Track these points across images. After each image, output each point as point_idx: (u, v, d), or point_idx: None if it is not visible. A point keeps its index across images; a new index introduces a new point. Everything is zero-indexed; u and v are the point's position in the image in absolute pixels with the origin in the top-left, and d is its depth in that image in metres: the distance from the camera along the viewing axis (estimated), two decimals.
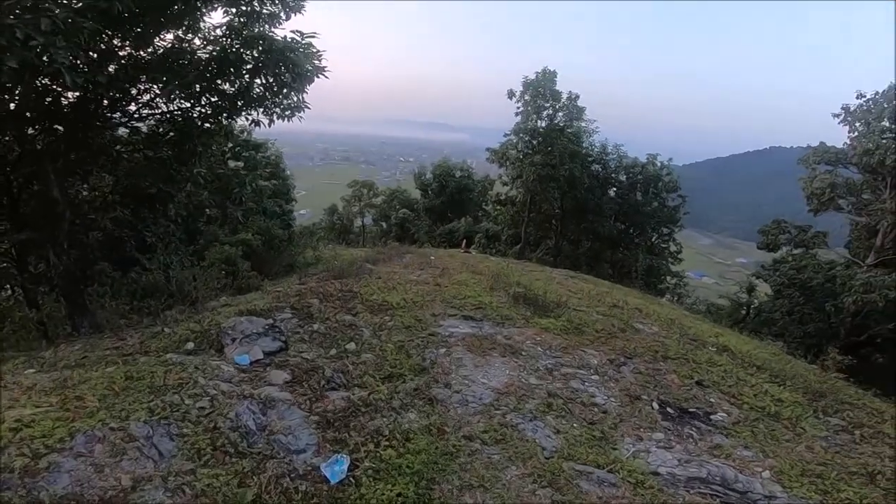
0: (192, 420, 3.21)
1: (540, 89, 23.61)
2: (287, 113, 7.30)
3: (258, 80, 6.93)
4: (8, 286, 9.49)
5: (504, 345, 5.33)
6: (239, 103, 7.07)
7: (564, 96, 23.96)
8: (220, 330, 4.69)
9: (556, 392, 4.33)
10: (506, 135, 25.52)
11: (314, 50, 6.80)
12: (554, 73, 23.73)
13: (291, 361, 4.36)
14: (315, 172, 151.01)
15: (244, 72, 6.80)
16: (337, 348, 4.83)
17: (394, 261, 10.00)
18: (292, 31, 6.71)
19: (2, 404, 3.08)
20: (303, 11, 7.05)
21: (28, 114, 6.48)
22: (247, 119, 7.58)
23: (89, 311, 7.61)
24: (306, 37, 6.71)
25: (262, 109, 7.24)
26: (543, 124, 24.27)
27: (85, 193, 9.09)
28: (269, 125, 7.44)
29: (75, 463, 2.70)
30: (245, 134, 17.77)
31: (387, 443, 3.28)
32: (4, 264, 8.30)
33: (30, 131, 6.99)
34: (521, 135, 24.80)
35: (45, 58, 4.51)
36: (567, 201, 24.96)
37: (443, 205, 34.48)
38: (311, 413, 3.59)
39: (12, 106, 6.11)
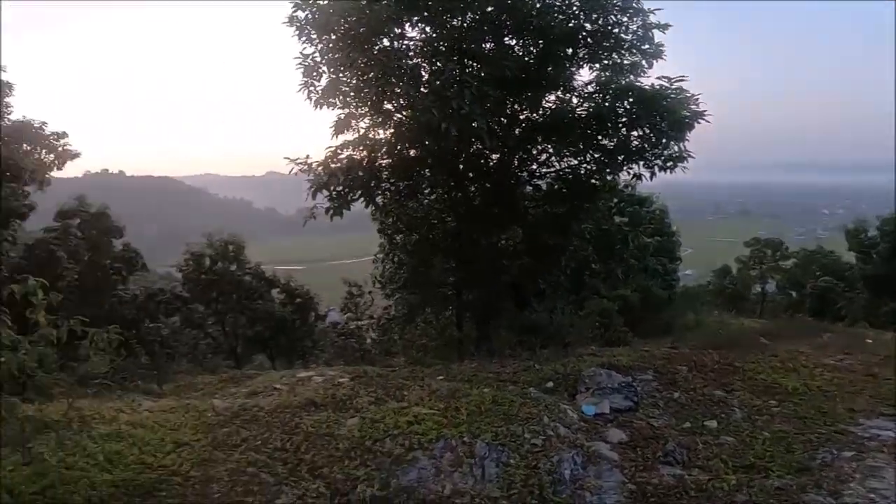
0: (521, 453, 3.39)
1: None
2: (669, 164, 7.03)
3: (635, 133, 7.00)
4: (449, 309, 12.89)
5: None
6: (619, 157, 7.29)
7: None
8: (578, 377, 4.84)
9: None
10: None
11: (688, 94, 6.36)
12: None
13: (635, 423, 4.08)
14: (705, 228, 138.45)
15: (620, 125, 7.00)
16: (692, 423, 4.26)
17: (802, 339, 7.85)
18: (658, 78, 6.52)
19: (412, 400, 4.14)
20: (663, 57, 6.79)
21: (470, 174, 8.66)
22: (628, 173, 7.72)
23: (489, 339, 9.41)
24: (674, 81, 6.38)
25: (642, 162, 7.23)
26: None
27: (502, 243, 11.10)
28: (651, 178, 7.35)
29: (427, 463, 3.28)
30: (629, 189, 18.29)
31: None
32: (450, 292, 11.23)
33: (471, 189, 9.29)
34: None
35: (473, 124, 5.89)
36: None
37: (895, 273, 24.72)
38: (631, 481, 3.29)
39: (461, 167, 8.29)
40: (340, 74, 7.00)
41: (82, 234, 14.74)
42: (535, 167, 8.89)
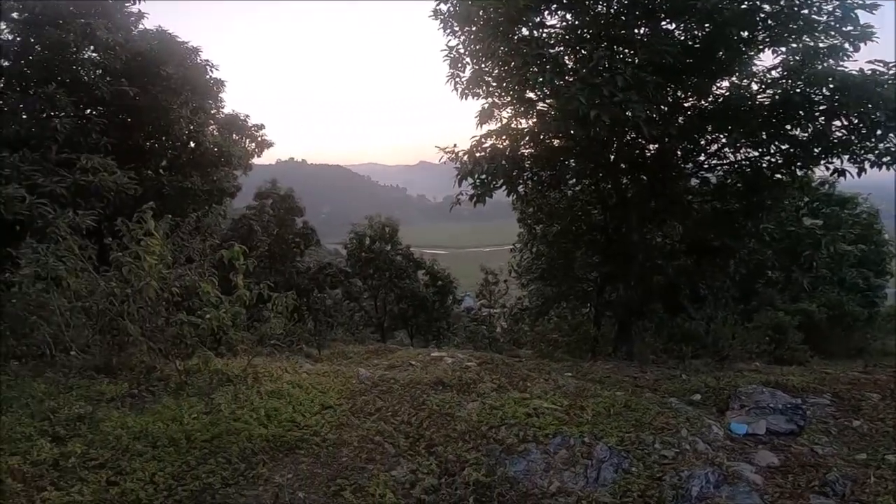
0: (646, 463, 3.12)
1: None
2: (885, 160, 5.69)
3: (837, 123, 5.78)
4: (588, 305, 12.35)
5: None
6: (815, 150, 6.13)
7: None
8: (733, 391, 4.25)
9: None
10: None
11: None
12: None
13: (793, 449, 3.44)
14: None
15: (817, 113, 5.85)
16: (869, 454, 3.49)
17: None
18: (869, 62, 5.26)
19: (534, 392, 4.07)
20: (875, 38, 5.42)
21: (622, 165, 8.10)
22: (827, 168, 6.47)
23: (631, 340, 8.76)
24: (892, 66, 5.07)
25: (847, 156, 5.98)
26: None
27: (658, 240, 10.10)
28: (859, 175, 6.06)
29: (538, 456, 3.18)
30: (826, 187, 15.18)
31: None
32: (590, 289, 10.77)
33: (623, 181, 8.70)
34: None
35: (627, 112, 5.47)
36: None
37: None
38: None
39: (612, 158, 7.81)
40: (483, 65, 7.11)
41: (273, 211, 17.51)
42: (703, 158, 7.95)
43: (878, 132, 5.66)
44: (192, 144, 11.21)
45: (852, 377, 5.22)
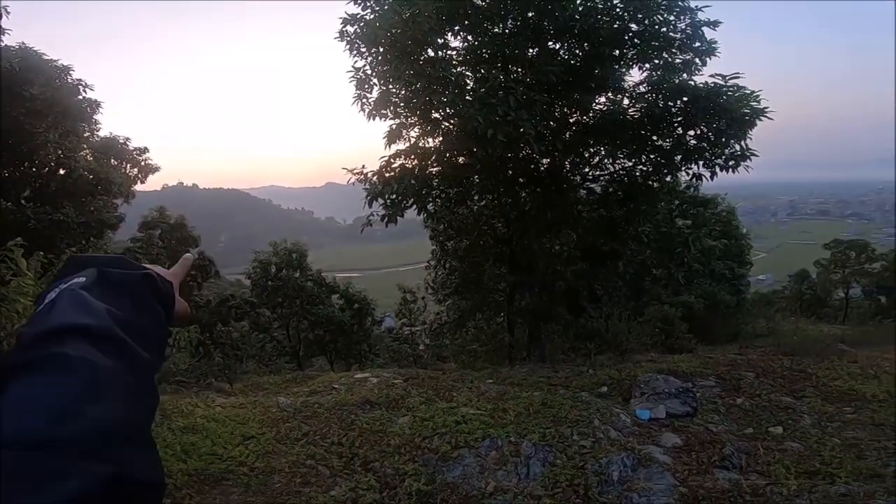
0: (568, 454, 3.40)
1: None
2: (731, 164, 6.69)
3: (691, 132, 6.73)
4: (502, 314, 12.87)
5: None
6: (676, 158, 7.04)
7: None
8: (634, 381, 4.73)
9: None
10: None
11: (746, 91, 6.03)
12: None
13: (692, 429, 3.95)
14: (779, 231, 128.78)
15: (675, 124, 6.76)
16: (755, 428, 4.08)
17: (888, 345, 7.19)
18: (712, 76, 6.27)
19: (460, 401, 4.23)
20: (717, 54, 6.53)
21: (520, 179, 8.66)
22: (687, 174, 7.43)
23: (542, 343, 9.32)
24: (729, 79, 6.09)
25: (701, 162, 6.93)
26: None
27: (557, 248, 10.79)
28: (712, 178, 7.02)
29: (472, 460, 3.36)
30: (692, 190, 17.42)
31: None
32: (502, 298, 11.26)
33: (522, 195, 9.27)
34: None
35: (521, 129, 5.90)
36: None
37: None
38: (683, 484, 3.18)
39: (510, 173, 8.32)
40: (390, 86, 7.23)
41: (163, 243, 16.07)
42: (587, 170, 8.74)
43: (723, 139, 6.61)
44: (62, 172, 10.05)
45: (731, 359, 6.04)
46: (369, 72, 7.32)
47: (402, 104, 7.31)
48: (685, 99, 6.50)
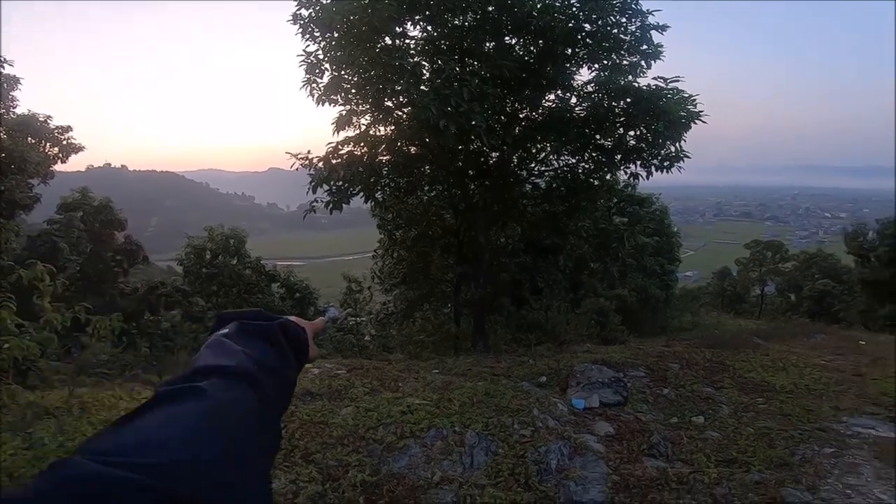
0: (509, 443, 3.49)
1: None
2: (665, 164, 7.07)
3: (632, 133, 7.06)
4: (448, 305, 12.98)
5: None
6: (616, 157, 7.34)
7: None
8: (571, 371, 4.93)
9: None
10: None
11: (685, 95, 6.42)
12: None
13: (623, 417, 4.17)
14: (706, 230, 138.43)
15: (617, 125, 7.06)
16: (679, 418, 4.34)
17: (796, 339, 7.95)
18: (654, 79, 6.59)
19: (406, 391, 4.24)
20: (662, 58, 6.87)
21: (470, 172, 8.74)
22: (625, 173, 7.77)
23: (486, 334, 9.50)
24: (670, 82, 6.44)
25: (639, 162, 7.27)
26: None
27: (502, 241, 11.02)
28: (647, 178, 7.37)
29: (418, 450, 3.38)
30: (629, 189, 18.30)
31: None
32: (448, 289, 11.33)
33: (471, 187, 9.35)
34: None
35: (472, 122, 5.97)
36: None
37: (894, 277, 24.72)
38: (615, 472, 3.35)
39: (460, 165, 8.37)
40: (343, 72, 7.06)
41: (85, 225, 14.84)
42: (533, 166, 8.94)
43: (660, 141, 6.97)
44: None
45: (658, 351, 6.43)
46: (321, 56, 7.10)
47: (353, 90, 7.15)
48: (628, 100, 6.78)
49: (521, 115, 8.06)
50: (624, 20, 6.86)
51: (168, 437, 0.44)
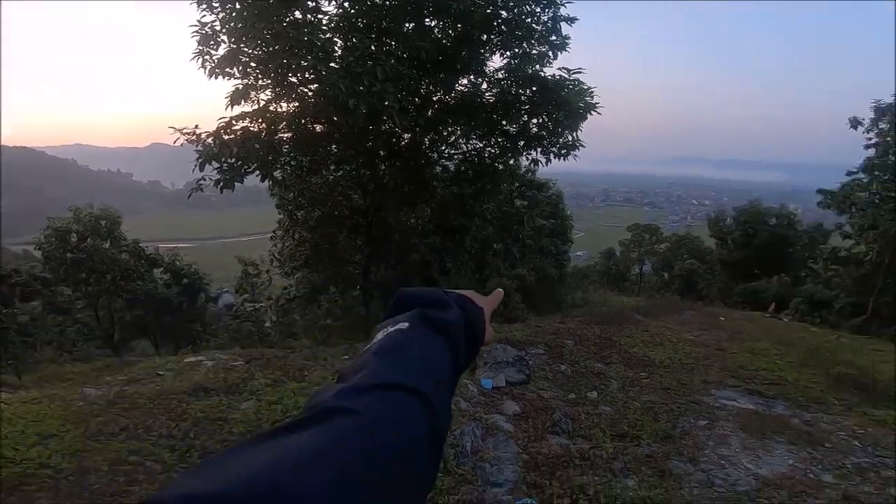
0: None
1: None
2: (563, 152, 7.51)
3: (535, 120, 7.39)
4: (357, 287, 12.68)
5: (800, 431, 4.08)
6: (520, 143, 7.66)
7: None
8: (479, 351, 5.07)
9: (858, 496, 3.07)
10: (850, 172, 19.88)
11: (584, 87, 6.86)
12: None
13: (527, 396, 4.33)
14: (595, 214, 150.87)
15: (523, 112, 7.36)
16: (577, 394, 4.58)
17: (669, 315, 8.87)
18: (559, 69, 6.96)
19: (313, 380, 4.08)
20: (568, 49, 7.24)
21: (381, 152, 8.57)
22: (527, 158, 8.14)
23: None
24: (573, 73, 6.84)
25: (539, 148, 7.64)
26: None
27: (412, 221, 10.98)
28: (546, 164, 7.79)
29: None
30: (530, 174, 19.24)
31: (586, 502, 2.91)
32: (356, 271, 11.03)
33: (381, 167, 9.18)
34: (876, 173, 18.88)
35: (385, 103, 5.85)
36: None
37: (746, 258, 28.92)
38: (525, 451, 3.48)
39: (370, 145, 8.18)
40: (242, 45, 6.56)
41: None
42: (444, 148, 9.00)
43: (559, 129, 7.37)
44: None
45: (555, 328, 6.78)
46: (218, 28, 6.52)
47: (253, 64, 6.67)
48: (534, 88, 7.07)
49: (434, 98, 8.06)
50: (538, 10, 7.06)
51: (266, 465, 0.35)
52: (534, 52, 7.34)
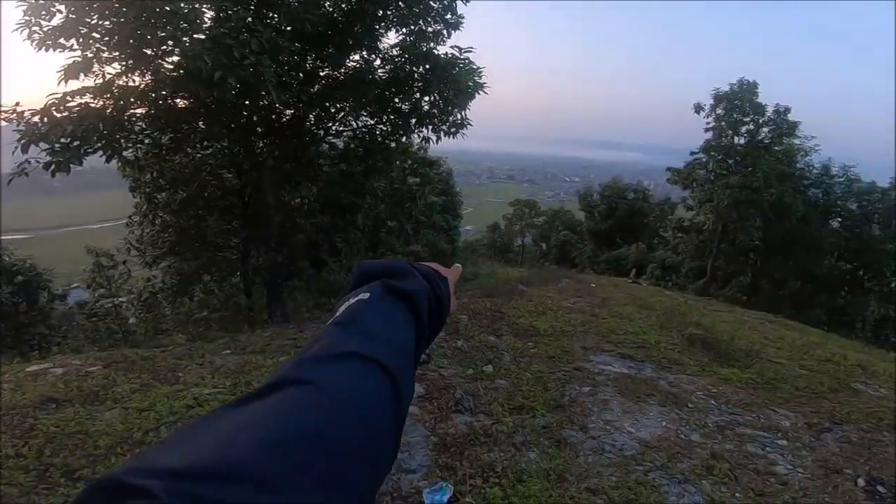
0: None
1: (737, 102, 20.75)
2: (452, 130, 7.59)
3: (427, 98, 7.37)
4: (236, 274, 11.70)
5: (667, 392, 4.51)
6: (412, 121, 7.59)
7: (770, 109, 20.64)
8: None
9: (723, 454, 3.47)
10: (692, 153, 23.08)
11: (474, 66, 6.99)
12: (755, 85, 20.70)
13: (429, 376, 4.31)
14: (481, 190, 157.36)
15: (415, 89, 7.29)
16: (474, 369, 4.61)
17: (549, 284, 9.53)
18: (452, 47, 7.01)
19: (189, 381, 3.68)
20: (461, 28, 7.32)
21: (258, 129, 7.89)
22: (418, 136, 8.10)
23: (283, 302, 8.94)
24: (464, 52, 6.95)
25: (431, 126, 7.65)
26: (742, 141, 21.28)
27: (297, 201, 10.40)
28: (437, 142, 7.82)
29: None
30: (421, 151, 19.35)
31: (496, 480, 2.98)
32: (234, 256, 10.16)
33: (259, 145, 8.47)
34: (712, 153, 22.13)
35: (261, 77, 5.37)
36: (772, 232, 21.18)
37: (610, 229, 32.43)
38: (433, 433, 3.46)
39: (244, 121, 7.49)
40: (84, 14, 5.54)
41: None
42: (332, 125, 8.58)
43: (449, 108, 7.42)
44: None
45: None
46: None
47: (98, 34, 5.67)
48: (427, 66, 6.98)
49: (321, 73, 7.59)
50: None
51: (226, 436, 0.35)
52: (429, 29, 7.24)
